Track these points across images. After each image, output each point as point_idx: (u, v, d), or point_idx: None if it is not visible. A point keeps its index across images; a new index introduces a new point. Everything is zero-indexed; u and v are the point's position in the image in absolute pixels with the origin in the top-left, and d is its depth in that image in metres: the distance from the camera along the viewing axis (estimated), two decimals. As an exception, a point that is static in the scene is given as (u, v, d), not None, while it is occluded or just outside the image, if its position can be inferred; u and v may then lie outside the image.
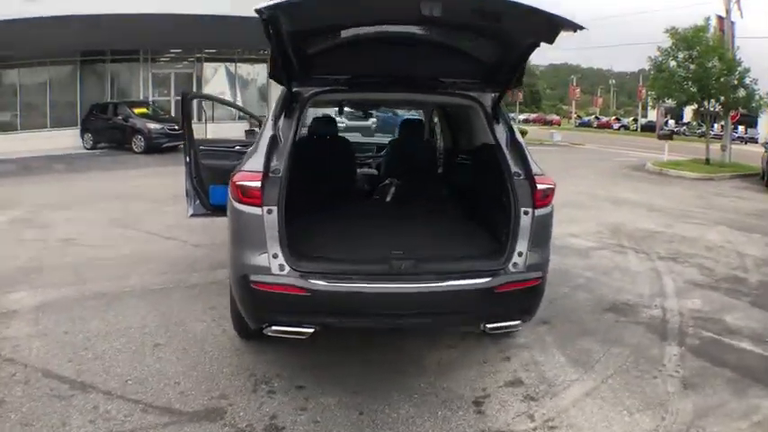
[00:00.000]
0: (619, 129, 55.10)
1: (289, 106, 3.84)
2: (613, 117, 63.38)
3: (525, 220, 3.55)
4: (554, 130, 39.85)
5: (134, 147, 18.99)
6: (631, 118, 57.79)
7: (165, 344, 4.21)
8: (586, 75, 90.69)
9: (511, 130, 3.93)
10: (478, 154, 4.47)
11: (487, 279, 3.44)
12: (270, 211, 3.38)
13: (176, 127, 17.91)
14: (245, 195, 3.41)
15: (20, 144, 18.79)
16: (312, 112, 8.00)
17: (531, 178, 3.62)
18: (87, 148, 19.99)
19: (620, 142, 34.01)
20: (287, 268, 3.33)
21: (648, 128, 46.21)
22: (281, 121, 3.79)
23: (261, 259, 3.35)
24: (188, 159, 5.29)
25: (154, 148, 18.49)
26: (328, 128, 5.56)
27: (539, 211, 3.60)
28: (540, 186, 3.61)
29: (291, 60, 3.56)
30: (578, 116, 65.78)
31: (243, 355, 4.06)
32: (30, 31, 16.64)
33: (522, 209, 3.57)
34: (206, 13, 17.21)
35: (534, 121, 60.21)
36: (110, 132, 19.99)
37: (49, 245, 6.99)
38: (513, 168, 3.70)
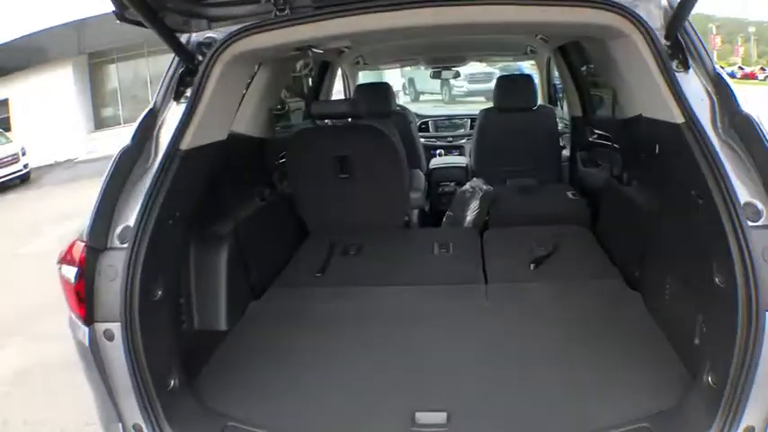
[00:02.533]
0: (765, 79, 48.91)
1: (182, 77, 1.88)
2: (758, 67, 56.18)
3: None
4: (697, 83, 36.36)
5: None
6: (776, 67, 50.94)
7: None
8: (723, 24, 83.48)
9: (724, 89, 1.75)
10: (642, 139, 2.18)
11: None
12: (109, 335, 1.57)
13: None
14: (72, 296, 1.66)
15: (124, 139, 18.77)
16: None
17: None
18: (196, 141, 19.54)
19: (771, 96, 29.49)
20: None
21: (794, 77, 41.24)
22: (167, 112, 1.86)
23: None
24: None
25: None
26: (360, 106, 3.23)
27: None
28: None
29: None
30: (721, 67, 59.33)
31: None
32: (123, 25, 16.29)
33: None
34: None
35: (675, 75, 55.71)
36: (216, 124, 19.38)
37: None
38: (743, 195, 1.49)
